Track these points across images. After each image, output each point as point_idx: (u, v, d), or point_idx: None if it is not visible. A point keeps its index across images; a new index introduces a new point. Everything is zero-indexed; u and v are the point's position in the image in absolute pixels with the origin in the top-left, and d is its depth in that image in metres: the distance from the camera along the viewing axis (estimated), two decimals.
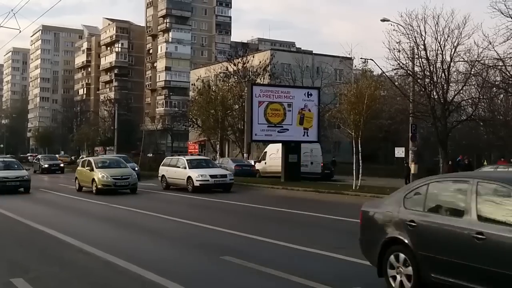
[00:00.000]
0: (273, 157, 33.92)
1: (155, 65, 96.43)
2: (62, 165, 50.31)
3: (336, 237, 12.02)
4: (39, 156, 55.10)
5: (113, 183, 22.98)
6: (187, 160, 25.82)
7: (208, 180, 23.86)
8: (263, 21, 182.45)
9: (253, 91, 27.91)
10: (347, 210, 17.25)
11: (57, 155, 67.42)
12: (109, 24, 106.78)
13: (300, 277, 7.64)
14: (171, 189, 25.74)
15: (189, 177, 24.20)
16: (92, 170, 23.65)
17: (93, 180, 23.20)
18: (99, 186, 22.86)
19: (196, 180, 23.77)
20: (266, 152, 35.97)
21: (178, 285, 7.26)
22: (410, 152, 31.34)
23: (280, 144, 32.14)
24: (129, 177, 23.58)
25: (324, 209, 16.84)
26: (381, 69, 35.66)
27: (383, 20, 31.14)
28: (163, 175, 26.74)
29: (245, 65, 48.51)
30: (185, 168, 24.81)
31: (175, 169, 25.70)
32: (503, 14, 26.06)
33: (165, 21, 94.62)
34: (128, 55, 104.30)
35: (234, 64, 48.12)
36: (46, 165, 47.56)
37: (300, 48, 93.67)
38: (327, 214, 15.75)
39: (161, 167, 27.69)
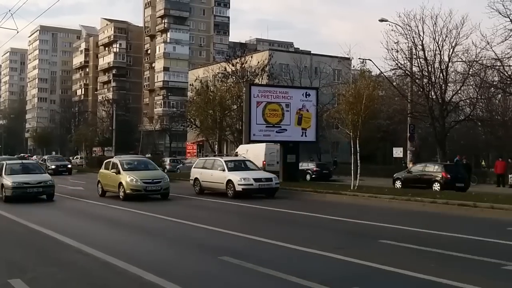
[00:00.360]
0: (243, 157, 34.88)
1: (153, 65, 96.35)
2: (69, 166, 48.94)
3: (335, 237, 12.03)
4: (46, 157, 53.76)
5: (144, 187, 20.39)
6: (225, 161, 22.99)
7: (251, 184, 21.18)
8: (262, 21, 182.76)
9: (251, 91, 27.86)
10: (346, 210, 17.31)
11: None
12: (107, 24, 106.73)
13: (298, 277, 7.62)
14: (206, 194, 23.16)
15: (229, 181, 21.55)
16: (118, 172, 21.05)
17: (120, 184, 20.63)
18: (127, 191, 20.30)
19: (238, 185, 21.12)
20: (237, 152, 36.88)
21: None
22: (408, 152, 31.43)
23: (250, 145, 32.57)
24: (160, 181, 20.91)
25: (322, 209, 16.82)
26: (379, 69, 35.81)
27: (381, 20, 31.21)
28: (196, 178, 24.05)
29: (243, 65, 48.43)
30: (224, 170, 22.18)
31: (211, 172, 23.05)
32: (501, 14, 26.11)
33: (163, 21, 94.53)
34: (126, 55, 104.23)
35: (232, 65, 48.04)
36: (53, 166, 45.67)
37: (299, 48, 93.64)
38: (324, 214, 15.75)
39: (193, 170, 25.05)
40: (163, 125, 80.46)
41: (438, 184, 24.49)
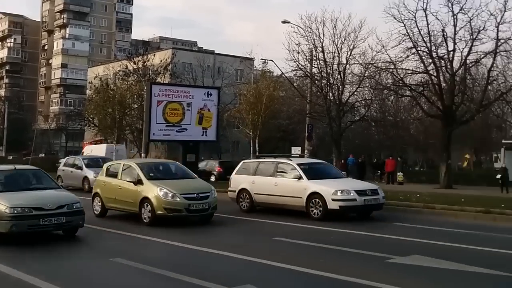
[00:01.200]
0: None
1: (50, 61, 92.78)
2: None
3: (233, 236, 12.11)
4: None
5: (186, 206, 13.23)
6: (298, 164, 15.77)
7: (354, 200, 14.18)
8: (165, 19, 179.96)
9: (152, 90, 27.50)
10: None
11: None
12: (1, 18, 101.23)
13: (192, 276, 7.58)
14: (260, 212, 15.98)
15: (313, 195, 14.46)
16: (139, 183, 13.81)
17: (144, 200, 13.51)
18: (158, 212, 13.15)
19: (333, 200, 14.10)
20: (83, 152, 38.46)
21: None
22: (306, 151, 32.17)
23: (94, 145, 32.89)
24: (208, 196, 13.80)
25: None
26: (280, 70, 36.48)
27: (284, 22, 31.73)
28: (243, 190, 16.73)
29: (145, 64, 47.60)
30: (300, 178, 15.07)
31: (275, 180, 15.75)
32: (396, 19, 27.24)
33: (62, 16, 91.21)
34: (21, 50, 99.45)
35: (134, 63, 47.05)
36: None
37: (202, 47, 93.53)
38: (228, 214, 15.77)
39: (236, 176, 17.54)
40: (59, 123, 77.88)
41: (214, 176, 31.82)
